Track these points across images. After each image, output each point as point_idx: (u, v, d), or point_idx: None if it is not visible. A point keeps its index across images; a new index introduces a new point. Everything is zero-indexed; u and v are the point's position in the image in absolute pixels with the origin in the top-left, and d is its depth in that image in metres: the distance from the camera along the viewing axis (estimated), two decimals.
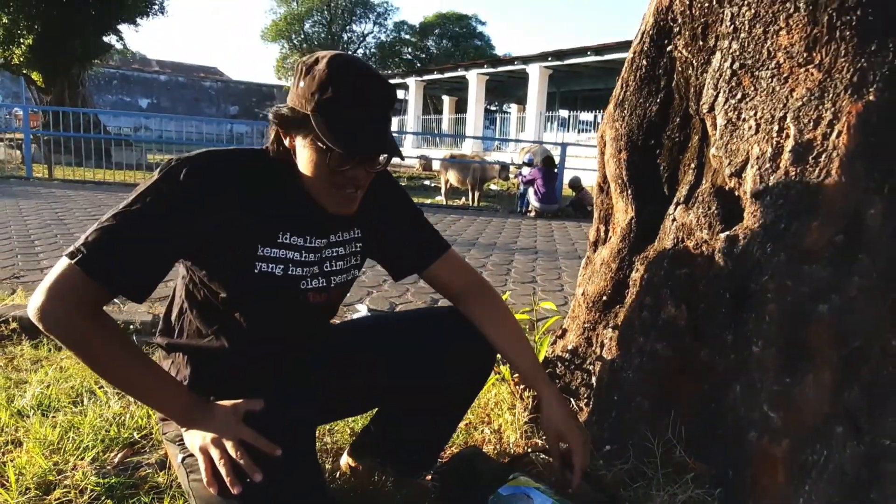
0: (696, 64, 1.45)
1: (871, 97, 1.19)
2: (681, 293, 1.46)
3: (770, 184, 1.29)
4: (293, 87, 1.10)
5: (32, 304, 1.04)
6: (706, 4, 1.41)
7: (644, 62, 1.56)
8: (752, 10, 1.32)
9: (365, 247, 1.34)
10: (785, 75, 1.27)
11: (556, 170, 9.62)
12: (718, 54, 1.39)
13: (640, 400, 1.54)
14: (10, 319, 2.65)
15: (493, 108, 32.99)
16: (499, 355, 1.44)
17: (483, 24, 39.14)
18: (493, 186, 13.38)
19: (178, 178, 1.08)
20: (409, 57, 36.76)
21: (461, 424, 1.84)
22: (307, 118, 1.05)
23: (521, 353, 1.36)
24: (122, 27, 16.09)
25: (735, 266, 1.35)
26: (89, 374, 2.23)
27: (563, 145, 10.83)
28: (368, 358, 1.39)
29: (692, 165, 1.49)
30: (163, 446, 1.70)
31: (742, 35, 1.34)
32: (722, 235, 1.37)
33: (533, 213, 9.08)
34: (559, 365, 1.87)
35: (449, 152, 14.43)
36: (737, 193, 1.38)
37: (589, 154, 13.69)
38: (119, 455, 1.65)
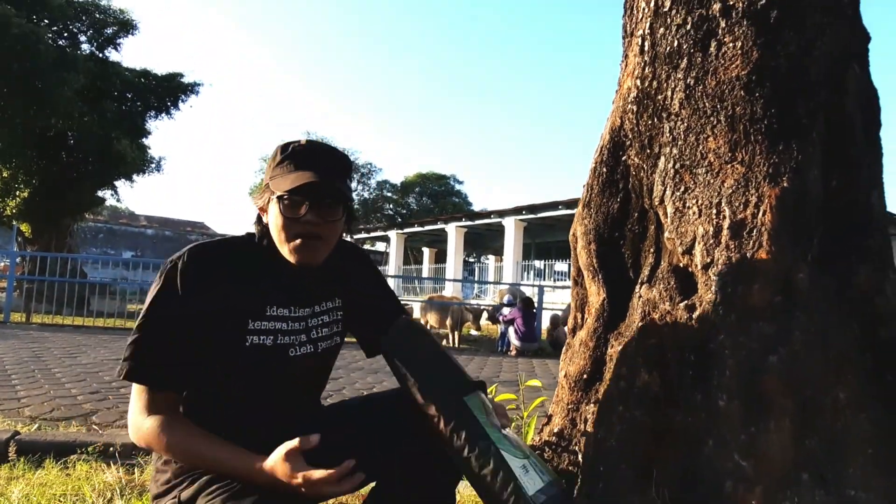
0: (646, 167, 1.76)
1: (785, 184, 1.48)
2: (652, 361, 1.62)
3: (715, 257, 1.53)
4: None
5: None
6: (649, 122, 1.75)
7: (604, 170, 1.88)
8: (685, 124, 1.65)
9: (345, 316, 1.48)
10: (716, 170, 1.58)
11: (534, 310, 9.92)
12: (663, 158, 1.70)
13: (624, 468, 1.63)
14: None
15: (471, 259, 34.17)
16: None
17: (460, 182, 41.83)
18: (472, 332, 13.55)
19: (175, 276, 1.24)
20: (391, 212, 38.62)
21: None
22: (268, 186, 1.28)
23: None
24: (119, 183, 16.80)
25: (695, 330, 1.54)
26: (71, 484, 2.22)
27: (541, 287, 11.26)
28: (356, 425, 1.43)
29: (651, 250, 1.74)
30: None
31: (679, 142, 1.66)
32: (682, 305, 1.58)
33: (514, 352, 9.21)
34: (546, 450, 1.95)
35: (429, 296, 14.76)
36: (690, 269, 1.62)
37: (565, 299, 14.13)
38: None
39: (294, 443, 1.17)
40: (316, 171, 1.25)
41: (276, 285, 1.33)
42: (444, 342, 11.43)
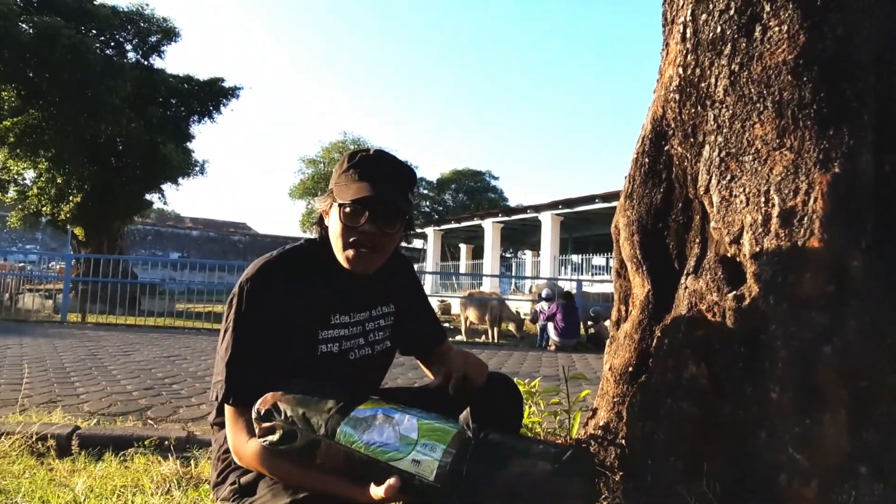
0: (689, 157, 1.74)
1: (836, 170, 1.44)
2: (700, 353, 1.60)
3: (764, 246, 1.50)
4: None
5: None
6: (692, 110, 1.72)
7: (646, 160, 1.86)
8: (730, 111, 1.62)
9: (396, 320, 1.54)
10: (764, 157, 1.54)
11: (574, 304, 9.82)
12: (707, 147, 1.67)
13: (673, 461, 1.62)
14: (49, 437, 2.77)
15: (508, 254, 34.00)
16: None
17: (496, 178, 41.66)
18: (510, 326, 13.50)
19: (249, 294, 1.28)
20: (427, 209, 38.73)
21: None
22: (332, 191, 1.32)
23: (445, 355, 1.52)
24: (165, 186, 17.28)
25: (745, 321, 1.51)
26: (130, 476, 2.32)
27: (578, 281, 11.15)
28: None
29: (697, 240, 1.72)
30: None
31: (724, 130, 1.63)
32: (730, 295, 1.56)
33: (553, 348, 9.15)
34: (592, 443, 1.94)
35: (469, 292, 14.76)
36: (738, 259, 1.59)
37: (606, 290, 13.94)
38: None
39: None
40: (379, 184, 1.28)
41: (335, 291, 1.38)
42: (483, 337, 11.44)
